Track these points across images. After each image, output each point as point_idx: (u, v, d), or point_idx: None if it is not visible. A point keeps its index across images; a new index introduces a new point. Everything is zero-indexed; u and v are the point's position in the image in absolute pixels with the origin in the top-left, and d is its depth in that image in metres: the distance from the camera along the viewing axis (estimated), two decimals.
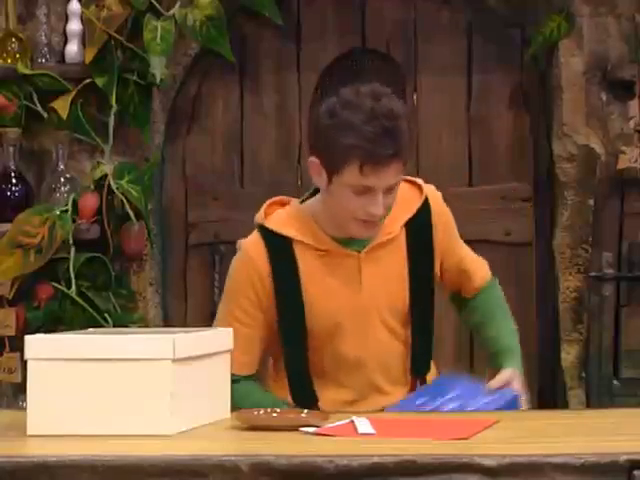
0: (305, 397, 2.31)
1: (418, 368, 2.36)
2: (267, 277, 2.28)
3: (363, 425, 2.01)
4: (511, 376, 2.32)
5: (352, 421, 2.05)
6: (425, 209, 2.33)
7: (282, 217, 2.32)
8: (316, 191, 2.34)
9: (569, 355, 3.72)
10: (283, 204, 2.34)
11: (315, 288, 2.27)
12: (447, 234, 2.37)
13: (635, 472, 1.75)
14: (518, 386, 2.32)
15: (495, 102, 3.88)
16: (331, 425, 2.03)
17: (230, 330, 2.25)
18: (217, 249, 3.88)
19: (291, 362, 2.32)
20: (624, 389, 3.47)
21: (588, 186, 3.75)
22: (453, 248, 2.40)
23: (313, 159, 2.24)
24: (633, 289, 3.66)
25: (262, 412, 2.10)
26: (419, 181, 2.37)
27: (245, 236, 3.90)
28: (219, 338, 2.20)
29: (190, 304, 3.89)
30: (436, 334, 2.40)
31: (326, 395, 2.31)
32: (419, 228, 2.32)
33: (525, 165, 3.89)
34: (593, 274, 3.71)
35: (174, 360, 2.00)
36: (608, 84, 3.72)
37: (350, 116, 2.15)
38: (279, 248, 2.28)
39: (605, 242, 3.72)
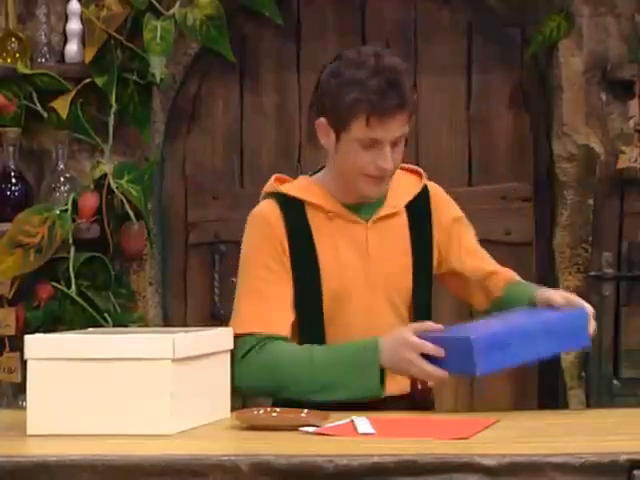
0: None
1: None
2: (284, 239, 2.30)
3: (363, 425, 2.01)
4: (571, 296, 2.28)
5: (352, 421, 2.05)
6: (424, 195, 2.39)
7: (294, 185, 2.37)
8: (321, 169, 2.40)
9: (569, 355, 3.72)
10: (288, 180, 2.39)
11: (327, 251, 2.30)
12: (449, 225, 2.39)
13: (635, 472, 1.75)
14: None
15: (495, 102, 3.88)
16: (331, 425, 2.03)
17: (230, 330, 2.24)
18: (217, 249, 3.88)
19: (307, 331, 2.30)
20: (624, 389, 3.47)
21: (588, 186, 3.75)
22: (465, 241, 2.40)
23: (321, 120, 2.31)
24: (633, 289, 3.66)
25: (262, 412, 2.10)
26: (418, 169, 2.43)
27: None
28: (219, 338, 2.20)
29: (190, 304, 3.89)
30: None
31: None
32: (418, 212, 2.37)
33: (525, 165, 3.89)
34: (593, 274, 3.71)
35: (174, 360, 2.00)
36: (608, 84, 3.72)
37: (354, 73, 2.24)
38: (293, 211, 2.32)
39: (605, 242, 3.72)
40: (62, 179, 3.68)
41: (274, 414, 2.09)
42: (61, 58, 3.70)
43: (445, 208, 2.41)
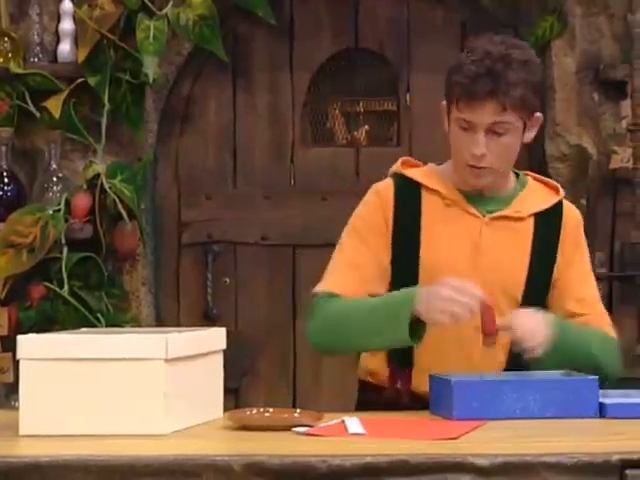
0: (401, 359, 2.30)
1: (513, 361, 2.28)
2: (390, 218, 2.32)
3: (354, 425, 2.01)
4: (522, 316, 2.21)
5: (343, 421, 2.05)
6: (557, 210, 2.36)
7: (418, 169, 2.39)
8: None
9: None
10: (415, 165, 2.41)
11: (435, 236, 2.30)
12: (573, 252, 2.34)
13: (627, 471, 1.75)
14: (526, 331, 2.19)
15: None
16: (322, 425, 2.03)
17: (223, 330, 2.24)
18: (210, 248, 3.88)
19: None
20: (617, 389, 3.47)
21: (580, 186, 3.76)
22: (576, 274, 2.34)
23: (443, 102, 2.34)
24: (625, 289, 3.67)
25: (255, 412, 2.10)
26: (556, 184, 2.41)
27: (239, 234, 3.93)
28: (212, 338, 2.20)
29: (183, 303, 3.89)
30: None
31: (421, 364, 2.28)
32: (548, 225, 2.34)
33: (517, 164, 3.87)
34: None
35: (167, 360, 2.00)
36: (600, 84, 3.73)
37: (465, 57, 2.26)
38: (408, 193, 2.33)
39: (597, 242, 3.73)
40: (55, 179, 3.68)
41: (267, 414, 2.09)
42: (54, 58, 3.70)
43: (574, 234, 2.35)
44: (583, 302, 2.36)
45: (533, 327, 2.21)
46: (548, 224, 2.34)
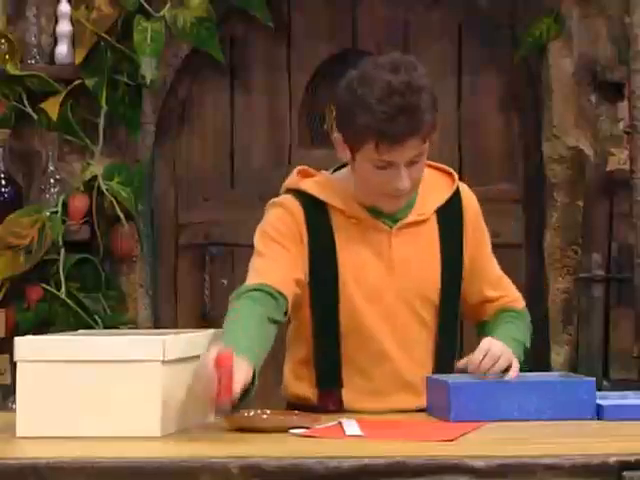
0: (330, 380, 2.28)
1: (442, 365, 2.30)
2: (305, 234, 2.25)
3: (351, 427, 2.01)
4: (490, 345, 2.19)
5: (340, 423, 2.05)
6: (456, 199, 2.32)
7: (316, 183, 2.31)
8: (344, 165, 2.34)
9: (559, 356, 3.73)
10: (311, 175, 2.33)
11: (349, 255, 2.26)
12: (477, 237, 2.34)
13: (625, 473, 1.76)
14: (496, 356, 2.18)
15: (485, 103, 3.88)
16: (320, 427, 2.03)
17: (220, 332, 2.24)
18: (207, 250, 3.88)
19: (321, 333, 2.27)
20: (614, 390, 3.47)
21: (577, 188, 3.76)
22: (482, 258, 2.34)
23: (337, 135, 2.25)
24: (622, 290, 3.67)
25: (252, 414, 2.10)
26: (450, 170, 2.36)
27: (237, 236, 3.93)
28: (209, 339, 2.20)
29: (180, 305, 3.89)
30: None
31: (351, 383, 2.27)
32: (450, 217, 2.31)
33: (515, 166, 3.90)
34: (583, 275, 3.72)
35: (164, 362, 2.00)
36: (597, 86, 3.73)
37: (365, 94, 2.14)
38: (315, 210, 2.26)
39: (595, 243, 3.73)
40: (52, 181, 3.68)
41: (264, 416, 2.09)
42: (51, 60, 3.70)
43: (473, 214, 2.33)
44: (497, 285, 2.36)
45: (498, 352, 2.20)
46: (450, 216, 2.31)
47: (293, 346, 2.35)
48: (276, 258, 2.23)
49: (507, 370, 2.20)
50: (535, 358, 3.82)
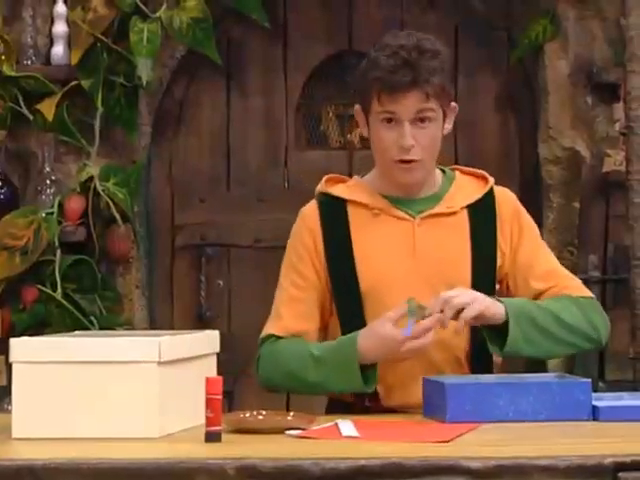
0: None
1: (478, 354, 2.28)
2: (320, 244, 2.31)
3: (347, 428, 2.01)
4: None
5: (336, 424, 2.05)
6: (490, 198, 2.34)
7: (342, 185, 2.37)
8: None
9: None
10: (342, 180, 2.40)
11: (367, 248, 2.29)
12: (516, 234, 2.33)
13: (620, 474, 1.76)
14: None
15: (481, 105, 3.89)
16: (316, 428, 2.03)
17: (216, 333, 2.24)
18: (203, 251, 3.88)
19: (347, 327, 2.27)
20: (609, 391, 3.48)
21: (574, 189, 3.76)
22: (526, 254, 2.33)
23: (356, 107, 2.32)
24: (618, 291, 3.67)
25: (248, 415, 2.10)
26: (484, 173, 2.38)
27: (233, 237, 3.93)
28: (205, 340, 2.20)
29: (176, 306, 3.89)
30: None
31: (384, 379, 2.27)
32: (482, 214, 2.32)
33: (511, 168, 3.90)
34: (579, 276, 3.71)
35: (160, 363, 2.00)
36: (593, 87, 3.73)
37: (378, 54, 2.26)
38: (333, 211, 2.32)
39: (591, 245, 3.73)
40: (48, 182, 3.67)
41: (260, 417, 2.09)
42: (47, 60, 3.70)
43: (510, 217, 2.34)
44: (546, 276, 2.34)
45: (464, 295, 2.19)
46: (482, 214, 2.32)
47: None
48: (296, 297, 2.30)
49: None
50: (531, 359, 3.83)
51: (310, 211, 2.35)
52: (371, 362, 2.21)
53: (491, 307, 2.21)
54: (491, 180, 2.37)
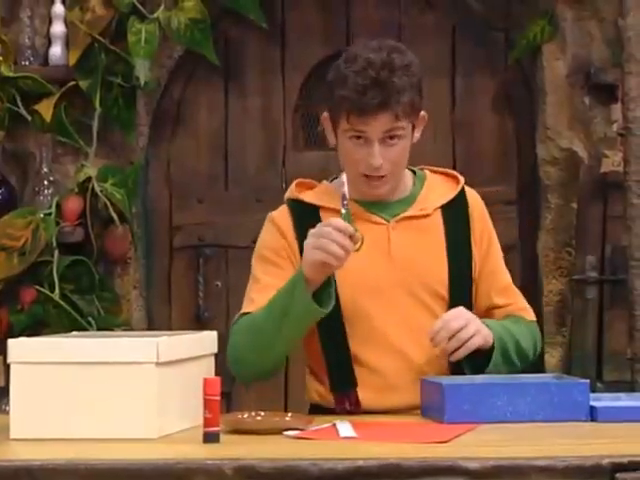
0: (344, 381, 2.27)
1: (458, 370, 2.27)
2: (295, 245, 2.28)
3: (345, 429, 2.01)
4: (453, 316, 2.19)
5: (334, 424, 2.05)
6: (461, 200, 2.34)
7: (312, 191, 2.36)
8: None
9: (553, 358, 3.73)
10: (310, 186, 2.39)
11: None
12: (485, 240, 2.34)
13: (618, 475, 1.76)
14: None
15: (479, 105, 3.89)
16: (314, 428, 2.03)
17: (214, 333, 2.24)
18: (201, 252, 3.88)
19: (328, 337, 2.26)
20: (607, 392, 3.49)
21: (571, 189, 3.76)
22: (491, 262, 2.34)
23: (324, 114, 2.31)
24: (616, 292, 3.67)
25: (246, 415, 2.10)
26: (455, 173, 2.38)
27: (231, 238, 3.93)
28: (203, 341, 2.20)
29: (174, 307, 3.89)
30: None
31: (365, 382, 2.27)
32: (456, 215, 2.32)
33: (509, 168, 3.90)
34: (576, 277, 3.72)
35: (158, 364, 2.00)
36: (591, 88, 3.74)
37: (346, 69, 2.23)
38: (306, 217, 2.29)
39: (588, 245, 3.73)
40: (46, 182, 3.67)
41: (258, 418, 2.09)
42: (45, 61, 3.70)
43: (481, 220, 2.34)
44: (505, 292, 2.36)
45: (462, 320, 2.19)
46: (455, 215, 2.32)
47: (307, 353, 2.36)
48: (270, 284, 2.26)
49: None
50: (529, 366, 3.82)
51: (281, 215, 2.33)
52: (317, 275, 2.14)
53: (487, 336, 2.22)
54: (462, 180, 2.37)
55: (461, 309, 2.23)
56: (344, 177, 2.22)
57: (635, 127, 3.42)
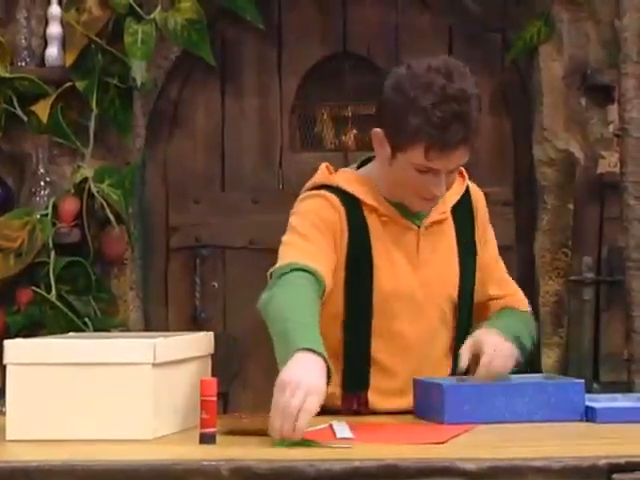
0: (357, 381, 2.26)
1: (456, 362, 2.26)
2: (345, 231, 2.21)
3: (342, 430, 2.01)
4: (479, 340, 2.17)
5: (331, 425, 2.05)
6: (467, 197, 2.33)
7: (347, 179, 2.25)
8: (366, 160, 2.31)
9: (549, 359, 3.74)
10: (334, 171, 2.30)
11: (382, 255, 2.24)
12: (485, 235, 2.34)
13: (614, 476, 1.76)
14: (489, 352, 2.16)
15: None
16: (310, 429, 2.03)
17: (211, 334, 2.24)
18: (198, 253, 3.87)
19: (353, 333, 2.24)
20: (604, 393, 3.49)
21: (568, 190, 3.77)
22: (489, 256, 2.33)
23: (378, 131, 2.20)
24: (613, 293, 3.68)
25: (243, 416, 2.10)
26: (461, 168, 2.35)
27: (228, 238, 3.92)
28: (200, 342, 2.20)
29: (171, 308, 3.89)
30: None
31: (376, 384, 2.26)
32: (463, 215, 2.32)
33: (505, 169, 3.90)
34: (573, 278, 3.72)
35: (154, 364, 2.00)
36: (587, 89, 3.74)
37: (420, 96, 2.13)
38: (352, 206, 2.22)
39: (585, 246, 3.73)
40: (42, 183, 3.67)
41: (255, 419, 2.09)
42: (41, 62, 3.69)
43: (483, 213, 2.34)
44: (501, 283, 2.36)
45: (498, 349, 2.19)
46: (463, 213, 2.31)
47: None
48: (319, 245, 2.18)
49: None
50: (525, 360, 3.83)
51: (332, 197, 2.22)
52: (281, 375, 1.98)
53: (508, 361, 2.22)
54: (466, 175, 2.35)
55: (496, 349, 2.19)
56: None
57: (631, 128, 3.42)
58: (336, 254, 2.20)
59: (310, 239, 2.18)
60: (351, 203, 2.23)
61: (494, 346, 2.19)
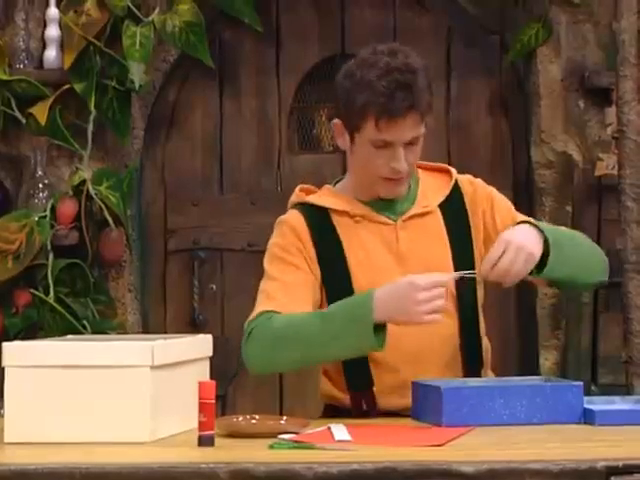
0: (360, 381, 2.28)
1: (469, 358, 2.30)
2: (311, 247, 2.29)
3: (340, 432, 2.01)
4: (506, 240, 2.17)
5: (329, 428, 2.05)
6: (456, 194, 2.35)
7: (318, 194, 2.36)
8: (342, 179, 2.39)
9: (547, 361, 3.74)
10: (313, 191, 2.39)
11: (357, 255, 2.29)
12: (490, 214, 2.34)
13: (612, 478, 1.76)
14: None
15: (474, 108, 3.89)
16: (308, 432, 2.03)
17: (209, 337, 2.24)
18: (196, 255, 3.88)
19: None
20: (602, 395, 3.49)
21: (566, 192, 3.77)
22: (511, 215, 2.34)
23: (336, 121, 2.30)
24: (611, 296, 3.68)
25: (241, 419, 2.10)
26: (447, 167, 2.39)
27: (226, 241, 3.93)
28: (198, 345, 2.20)
29: (169, 310, 3.89)
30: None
31: (381, 381, 2.28)
32: (453, 210, 2.34)
33: (504, 171, 3.90)
34: None
35: (153, 367, 2.00)
36: (586, 91, 3.74)
37: (365, 73, 2.21)
38: (319, 220, 2.30)
39: None
40: (41, 185, 3.67)
41: (253, 421, 2.09)
42: (40, 64, 3.69)
43: (482, 198, 2.35)
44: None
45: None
46: (453, 210, 2.34)
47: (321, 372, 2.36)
48: (291, 282, 2.26)
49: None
50: (524, 363, 3.83)
51: (294, 218, 2.32)
52: (385, 319, 2.14)
53: (529, 257, 2.19)
54: (454, 172, 2.38)
55: (507, 235, 2.19)
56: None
57: (629, 130, 3.43)
58: (311, 268, 2.28)
59: (278, 279, 2.27)
60: (318, 216, 2.31)
61: (506, 244, 2.18)
